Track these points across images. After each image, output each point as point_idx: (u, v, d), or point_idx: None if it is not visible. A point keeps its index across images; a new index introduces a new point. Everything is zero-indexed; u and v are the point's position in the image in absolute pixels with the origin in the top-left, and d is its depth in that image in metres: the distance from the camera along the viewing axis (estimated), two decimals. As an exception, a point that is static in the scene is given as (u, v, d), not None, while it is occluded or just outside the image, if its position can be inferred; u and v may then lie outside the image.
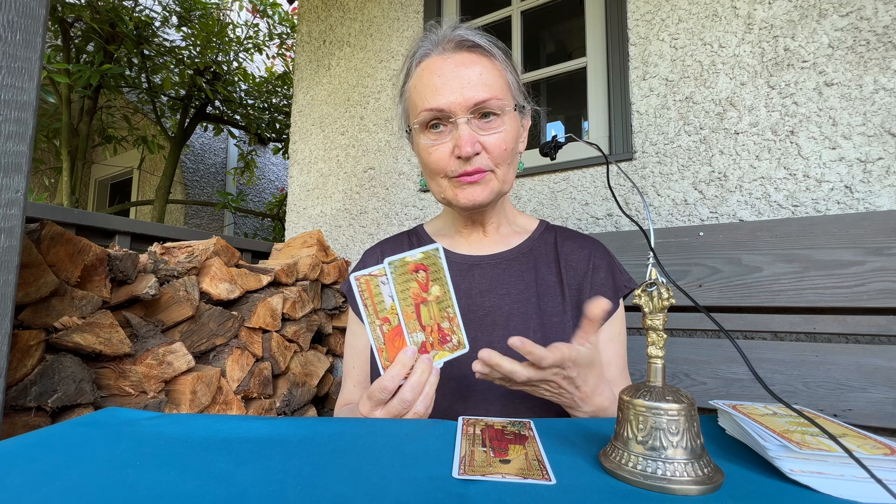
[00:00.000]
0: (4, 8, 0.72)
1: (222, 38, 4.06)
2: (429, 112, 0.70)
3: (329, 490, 0.35)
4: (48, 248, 0.95)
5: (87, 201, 5.95)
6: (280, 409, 1.38)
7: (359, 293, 0.55)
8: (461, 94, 0.68)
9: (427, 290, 0.56)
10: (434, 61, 0.72)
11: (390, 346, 0.56)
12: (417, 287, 0.56)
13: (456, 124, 0.69)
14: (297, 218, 2.30)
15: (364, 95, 2.14)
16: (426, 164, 0.74)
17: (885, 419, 0.91)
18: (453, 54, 0.71)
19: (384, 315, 0.56)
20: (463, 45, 0.72)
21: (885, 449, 0.36)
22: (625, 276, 0.80)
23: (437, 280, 0.56)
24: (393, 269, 0.55)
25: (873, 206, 1.15)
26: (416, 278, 0.56)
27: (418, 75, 0.73)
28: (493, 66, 0.72)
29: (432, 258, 0.56)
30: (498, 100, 0.70)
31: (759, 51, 1.31)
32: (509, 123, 0.72)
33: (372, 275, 0.55)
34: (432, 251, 0.56)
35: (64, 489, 0.35)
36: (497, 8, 1.90)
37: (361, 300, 0.55)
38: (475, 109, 0.69)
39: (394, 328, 0.56)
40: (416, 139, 0.76)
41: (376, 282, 0.55)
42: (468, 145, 0.68)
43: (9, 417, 0.85)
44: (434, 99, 0.69)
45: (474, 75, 0.69)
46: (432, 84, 0.70)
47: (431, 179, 0.76)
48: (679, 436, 0.37)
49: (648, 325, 0.42)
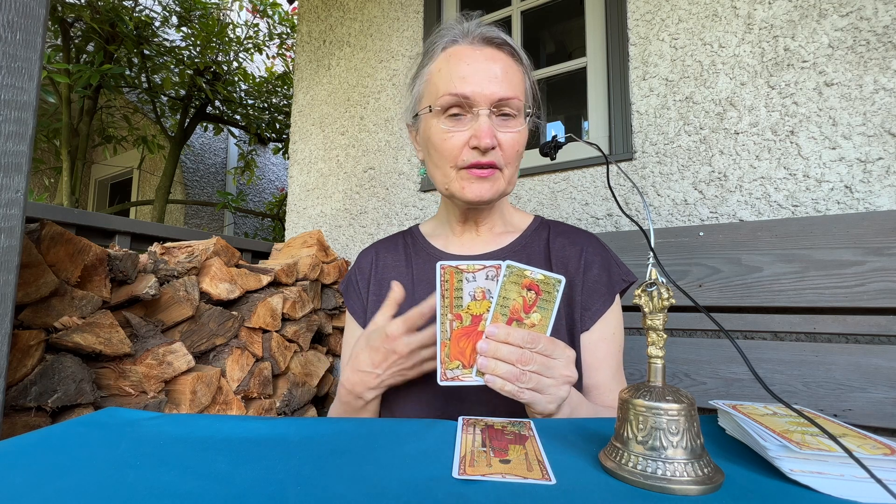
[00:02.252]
0: (4, 8, 0.72)
1: (222, 38, 4.06)
2: (453, 97, 0.70)
3: (329, 490, 0.35)
4: (48, 248, 0.95)
5: (87, 201, 5.95)
6: (280, 409, 1.38)
7: (440, 282, 0.54)
8: (487, 87, 0.69)
9: (528, 312, 0.55)
10: (464, 49, 0.72)
11: (455, 343, 0.55)
12: (521, 304, 0.54)
13: (477, 115, 0.69)
14: (297, 218, 2.30)
15: (364, 95, 2.14)
16: (438, 150, 0.73)
17: (885, 419, 0.91)
18: (483, 48, 0.72)
19: (458, 311, 0.55)
20: (492, 42, 0.73)
21: (885, 449, 0.36)
22: (622, 270, 0.77)
23: (543, 310, 0.55)
24: (508, 273, 0.54)
25: (873, 206, 1.15)
26: (524, 295, 0.54)
27: (445, 59, 0.73)
28: (517, 67, 0.74)
29: (551, 287, 0.54)
30: (518, 100, 0.71)
31: (759, 51, 1.31)
32: (524, 126, 0.73)
33: (459, 268, 0.54)
34: (555, 280, 0.54)
35: (64, 489, 0.35)
36: (497, 8, 1.90)
37: (440, 290, 0.54)
38: (497, 105, 0.70)
39: (463, 328, 0.55)
40: (428, 123, 0.74)
41: (461, 276, 0.54)
42: (487, 136, 0.68)
43: (9, 417, 0.85)
44: (461, 85, 0.69)
45: (501, 71, 0.70)
46: (460, 70, 0.70)
47: (438, 168, 0.74)
48: (679, 436, 0.37)
49: (648, 325, 0.42)
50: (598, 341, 0.74)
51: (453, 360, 0.55)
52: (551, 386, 0.54)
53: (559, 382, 0.54)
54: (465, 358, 0.55)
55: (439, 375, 0.55)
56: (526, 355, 0.52)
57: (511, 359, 0.52)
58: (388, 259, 0.85)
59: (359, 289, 0.84)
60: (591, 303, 0.74)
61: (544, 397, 0.54)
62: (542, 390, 0.53)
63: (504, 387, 0.52)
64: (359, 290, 0.84)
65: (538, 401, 0.54)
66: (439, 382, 0.55)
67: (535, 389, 0.53)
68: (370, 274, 0.85)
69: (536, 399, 0.53)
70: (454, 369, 0.55)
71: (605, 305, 0.75)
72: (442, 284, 0.54)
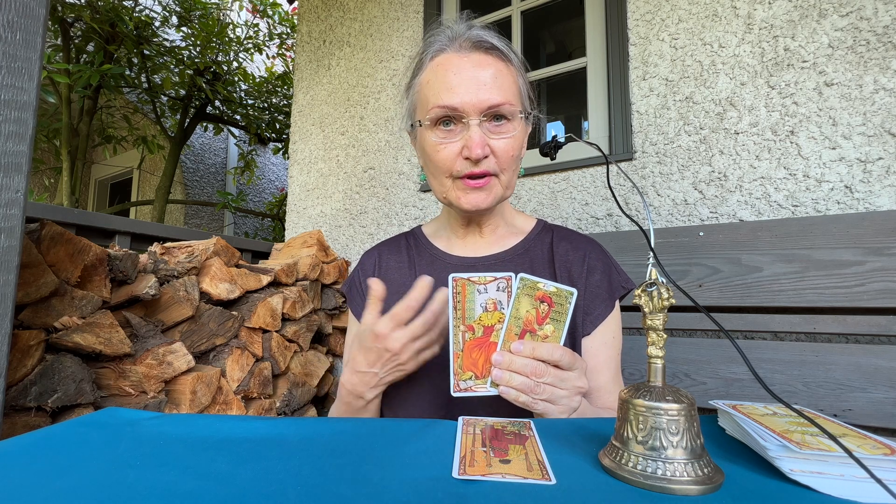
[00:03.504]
0: (4, 8, 0.72)
1: (222, 38, 4.06)
2: (441, 109, 0.69)
3: (329, 490, 0.35)
4: (48, 248, 0.95)
5: (87, 201, 5.95)
6: (280, 409, 1.38)
7: (452, 294, 0.54)
8: (476, 96, 0.68)
9: (541, 324, 0.55)
10: (450, 58, 0.71)
11: (467, 355, 0.55)
12: (534, 315, 0.55)
13: (467, 125, 0.69)
14: (297, 218, 2.30)
15: (364, 95, 2.14)
16: (432, 162, 0.73)
17: (885, 419, 0.91)
18: (470, 53, 0.70)
19: (470, 323, 0.55)
20: (480, 46, 0.71)
21: (885, 449, 0.36)
22: (622, 277, 0.79)
23: (556, 322, 0.55)
24: (522, 285, 0.54)
25: (873, 206, 1.15)
26: (537, 307, 0.54)
27: (432, 69, 0.72)
28: (508, 70, 0.72)
29: (564, 299, 0.55)
30: (510, 105, 0.70)
31: (759, 51, 1.31)
32: (518, 129, 0.72)
33: (471, 280, 0.55)
34: (567, 292, 0.55)
35: (64, 489, 0.35)
36: (497, 8, 1.90)
37: (452, 302, 0.54)
38: (488, 112, 0.69)
39: (475, 339, 0.55)
40: (422, 135, 0.74)
41: (472, 288, 0.55)
42: (478, 147, 0.67)
43: (9, 417, 0.85)
44: (449, 97, 0.68)
45: (490, 77, 0.69)
46: (447, 81, 0.69)
47: (434, 178, 0.75)
48: (679, 436, 0.37)
49: (648, 325, 0.42)
50: (599, 345, 0.74)
51: (466, 371, 0.55)
52: (564, 397, 0.54)
53: (572, 394, 0.55)
54: (477, 369, 0.55)
55: (452, 387, 0.55)
56: (540, 367, 0.53)
57: (526, 371, 0.52)
58: (392, 260, 0.86)
59: (362, 290, 0.85)
60: (593, 308, 0.75)
61: (557, 408, 0.54)
62: (556, 401, 0.54)
63: (518, 398, 0.53)
64: (362, 291, 0.85)
65: (551, 411, 0.54)
66: (452, 394, 0.55)
67: (548, 401, 0.54)
68: (373, 275, 0.85)
69: (549, 410, 0.54)
70: (467, 380, 0.55)
71: (606, 310, 0.75)
72: (454, 296, 0.54)
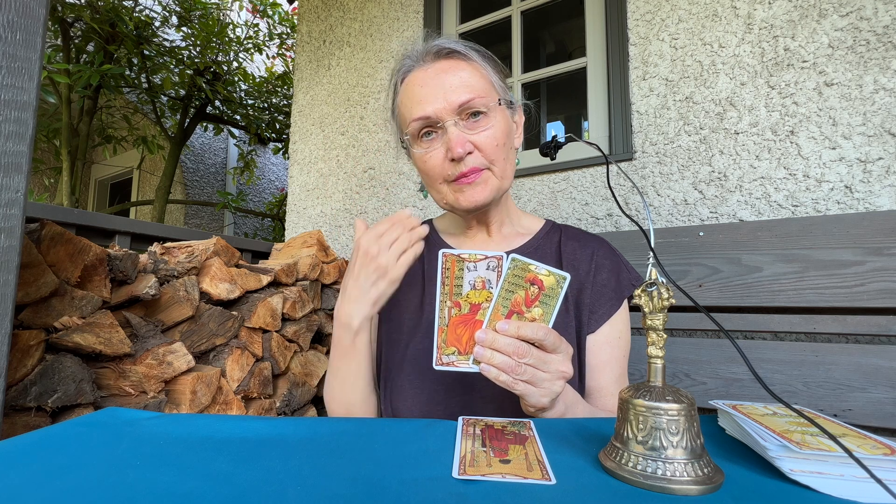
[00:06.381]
0: (4, 8, 0.72)
1: (222, 38, 4.06)
2: (417, 121, 0.72)
3: (329, 490, 0.35)
4: (48, 248, 0.95)
5: (87, 201, 5.95)
6: (280, 409, 1.38)
7: (441, 269, 0.55)
8: (444, 100, 0.70)
9: (529, 306, 0.55)
10: (416, 74, 0.75)
11: (451, 331, 0.55)
12: (523, 297, 0.55)
13: (445, 128, 0.71)
14: (297, 218, 2.30)
15: (364, 95, 2.14)
16: (424, 173, 0.76)
17: (885, 419, 0.91)
18: (433, 63, 0.74)
19: (457, 299, 0.55)
20: (441, 54, 0.75)
21: (885, 449, 0.36)
22: (632, 275, 0.79)
23: (545, 305, 0.55)
24: (512, 266, 0.54)
25: (873, 206, 1.15)
26: (527, 289, 0.55)
27: (404, 90, 0.76)
28: (471, 67, 0.74)
29: (555, 283, 0.54)
30: (481, 98, 0.71)
31: (759, 51, 1.31)
32: (498, 120, 0.73)
33: (461, 257, 0.55)
34: (559, 277, 0.54)
35: (64, 489, 0.35)
36: (497, 8, 1.90)
37: (441, 277, 0.55)
38: (461, 111, 0.71)
39: (461, 315, 0.55)
40: (411, 151, 0.78)
41: (462, 265, 0.55)
42: (459, 146, 0.69)
43: (9, 417, 0.84)
44: (420, 108, 0.72)
45: (455, 79, 0.72)
46: (416, 95, 0.73)
47: (432, 187, 0.77)
48: (679, 436, 0.37)
49: (648, 325, 0.42)
50: (602, 344, 0.74)
51: (450, 346, 0.56)
52: (546, 380, 0.54)
53: (554, 377, 0.54)
54: (461, 345, 0.56)
55: (435, 360, 0.55)
56: (522, 348, 0.53)
57: (508, 350, 0.52)
58: None
59: None
60: (598, 306, 0.75)
61: (538, 390, 0.54)
62: (537, 383, 0.54)
63: (499, 377, 0.53)
64: None
65: (531, 393, 0.54)
66: (434, 366, 0.55)
67: (529, 382, 0.53)
68: None
69: (530, 391, 0.54)
70: (450, 355, 0.56)
71: (612, 309, 0.75)
72: (443, 272, 0.55)
